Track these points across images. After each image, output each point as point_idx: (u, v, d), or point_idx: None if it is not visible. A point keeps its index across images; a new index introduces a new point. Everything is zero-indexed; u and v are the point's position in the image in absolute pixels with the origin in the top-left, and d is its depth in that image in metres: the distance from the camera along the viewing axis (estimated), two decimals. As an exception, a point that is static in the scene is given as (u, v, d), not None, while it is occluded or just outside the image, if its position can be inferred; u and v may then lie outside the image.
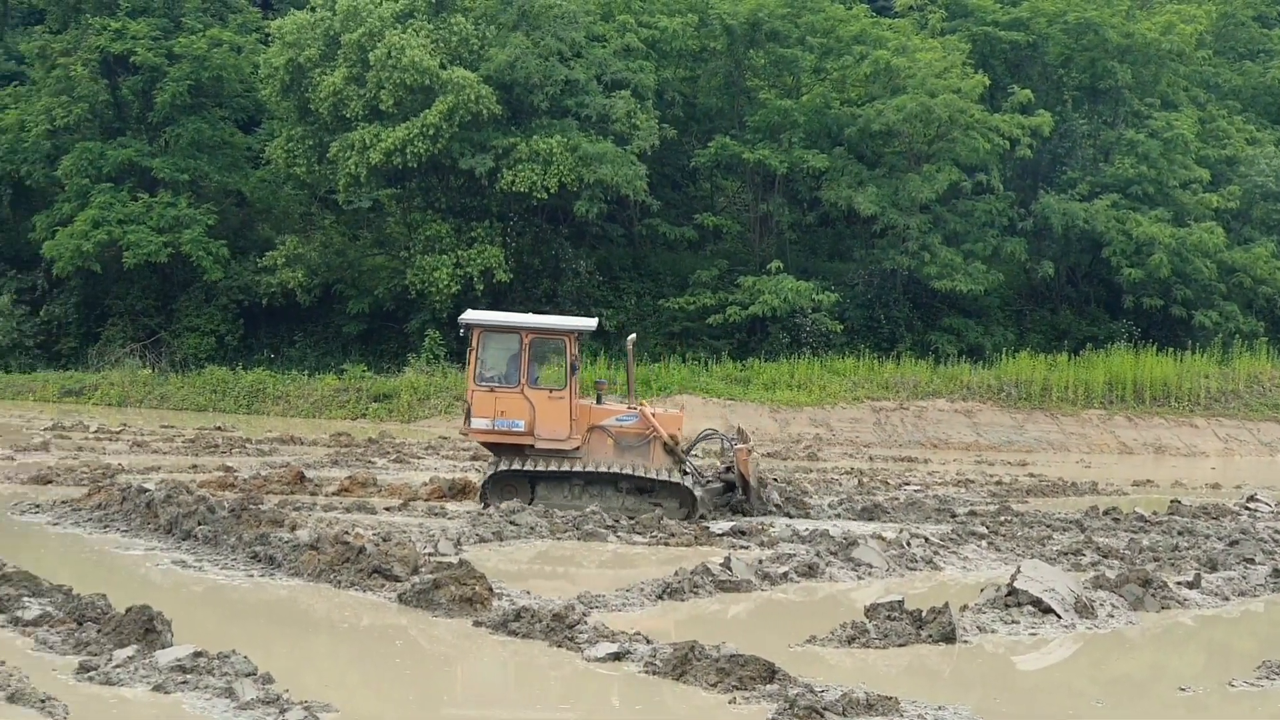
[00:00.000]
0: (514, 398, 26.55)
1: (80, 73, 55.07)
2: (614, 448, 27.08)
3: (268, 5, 62.66)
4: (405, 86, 48.93)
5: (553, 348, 27.75)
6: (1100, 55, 56.15)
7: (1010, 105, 53.80)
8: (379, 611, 18.49)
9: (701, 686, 14.92)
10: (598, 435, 27.07)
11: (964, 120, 51.73)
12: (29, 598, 17.63)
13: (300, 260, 52.34)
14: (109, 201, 52.54)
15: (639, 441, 27.07)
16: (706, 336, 52.05)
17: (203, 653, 15.02)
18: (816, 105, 53.38)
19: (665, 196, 55.62)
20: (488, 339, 27.13)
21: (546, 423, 26.62)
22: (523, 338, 26.90)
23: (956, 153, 52.05)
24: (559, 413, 26.65)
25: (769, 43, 54.56)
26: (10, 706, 13.73)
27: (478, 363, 26.94)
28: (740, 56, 55.30)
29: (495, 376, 26.99)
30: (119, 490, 25.42)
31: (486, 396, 26.65)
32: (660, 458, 27.04)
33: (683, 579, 19.85)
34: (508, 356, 27.09)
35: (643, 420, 27.26)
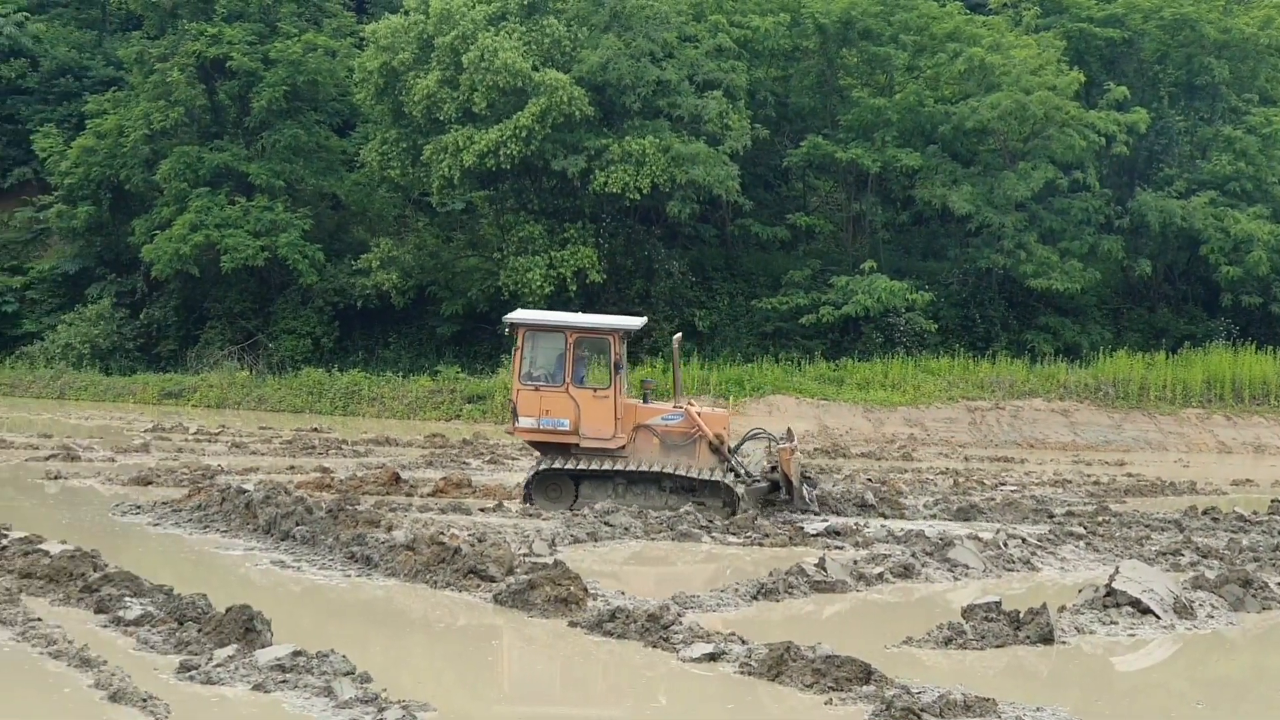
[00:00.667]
0: (559, 397, 26.63)
1: (177, 78, 55.66)
2: (660, 447, 27.14)
3: (362, 9, 63.09)
4: (498, 89, 49.10)
5: (597, 347, 27.71)
6: (1197, 51, 55.48)
7: (1106, 102, 53.26)
8: (474, 612, 18.57)
9: (797, 687, 14.89)
10: (644, 434, 27.12)
11: (1059, 118, 51.25)
12: (131, 598, 17.85)
13: (394, 263, 52.65)
14: (206, 205, 53.07)
15: (685, 440, 27.09)
16: (799, 336, 51.87)
17: (302, 652, 15.15)
18: (910, 103, 53.07)
19: (758, 196, 55.49)
20: (532, 338, 27.30)
21: (591, 422, 26.69)
22: (567, 337, 26.97)
23: (1052, 150, 51.59)
24: (604, 412, 26.71)
25: (862, 41, 54.31)
26: (113, 705, 13.91)
27: (523, 362, 27.13)
28: (833, 55, 55.09)
29: (540, 376, 27.10)
30: (218, 491, 25.68)
31: (532, 396, 26.73)
32: (706, 457, 27.07)
33: (777, 579, 19.81)
34: (553, 356, 27.16)
35: (688, 419, 27.28)
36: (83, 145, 56.51)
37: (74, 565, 19.01)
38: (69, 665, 15.14)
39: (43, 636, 16.13)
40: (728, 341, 52.13)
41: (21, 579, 18.95)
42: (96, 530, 23.64)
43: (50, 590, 18.51)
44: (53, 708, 14.08)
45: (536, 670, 16.51)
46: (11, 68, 63.58)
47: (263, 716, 13.87)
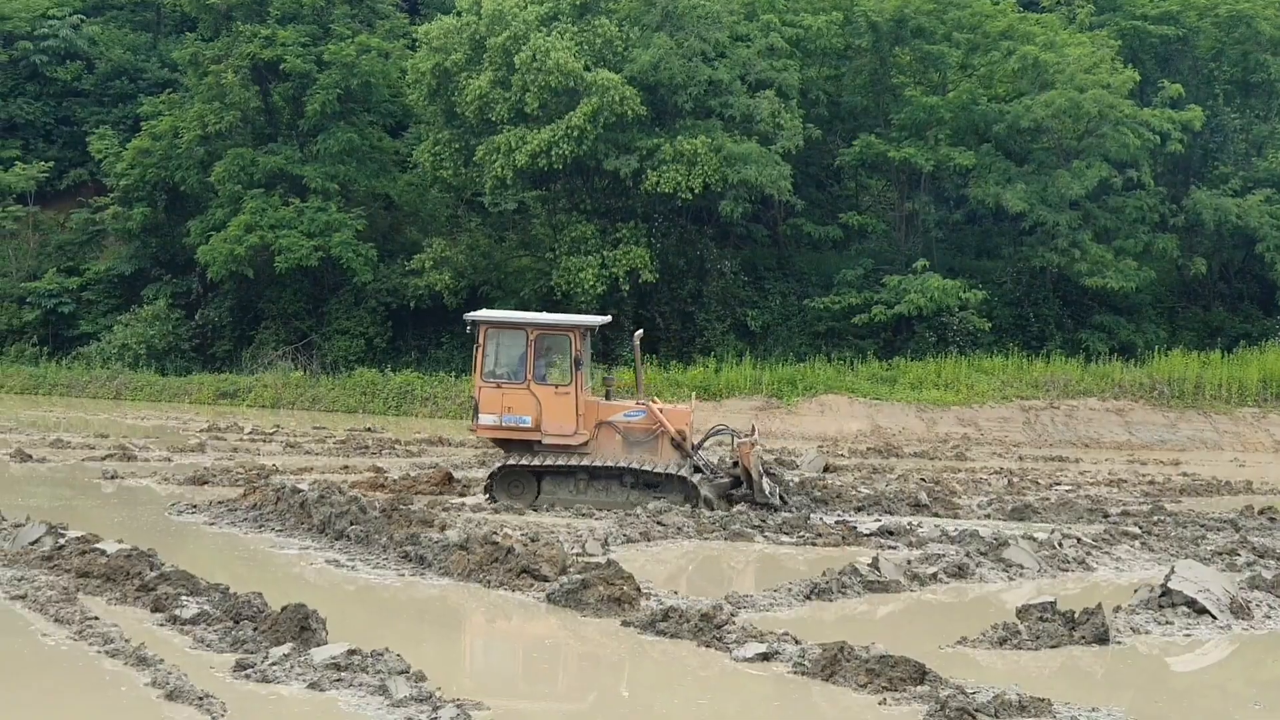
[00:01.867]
0: (521, 394, 26.86)
1: (231, 80, 55.94)
2: (622, 443, 27.33)
3: (415, 11, 63.26)
4: (550, 89, 49.17)
5: (557, 344, 27.68)
6: (1252, 48, 55.08)
7: (1160, 100, 52.94)
8: (527, 611, 18.61)
9: (851, 687, 14.86)
10: (606, 431, 27.31)
11: (1113, 115, 50.95)
12: (187, 596, 17.97)
13: (447, 263, 52.77)
14: (261, 207, 53.33)
15: (647, 437, 27.30)
16: (852, 336, 51.74)
17: (357, 651, 15.22)
18: (963, 102, 52.87)
19: (810, 196, 55.40)
20: (493, 336, 27.46)
21: (553, 418, 26.90)
22: (528, 334, 27.16)
23: (1106, 148, 51.29)
24: (565, 408, 26.89)
25: (915, 39, 54.13)
26: (169, 704, 14.00)
27: (485, 360, 27.26)
28: (885, 54, 54.93)
29: (502, 373, 27.28)
30: (273, 491, 25.81)
31: (493, 393, 26.96)
32: (668, 452, 27.23)
33: (831, 579, 19.77)
34: (514, 353, 27.33)
35: (650, 416, 27.44)
36: (138, 147, 56.88)
37: (131, 564, 19.15)
38: (126, 664, 15.25)
39: (100, 635, 16.26)
40: (780, 341, 52.06)
41: (79, 578, 19.11)
42: (153, 529, 23.81)
43: (107, 589, 18.65)
44: (110, 706, 14.19)
45: (589, 670, 16.53)
46: (68, 70, 64.07)
47: (318, 715, 13.94)
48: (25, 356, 56.46)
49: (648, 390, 34.33)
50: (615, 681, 16.04)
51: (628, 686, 15.81)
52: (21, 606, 17.86)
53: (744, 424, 31.58)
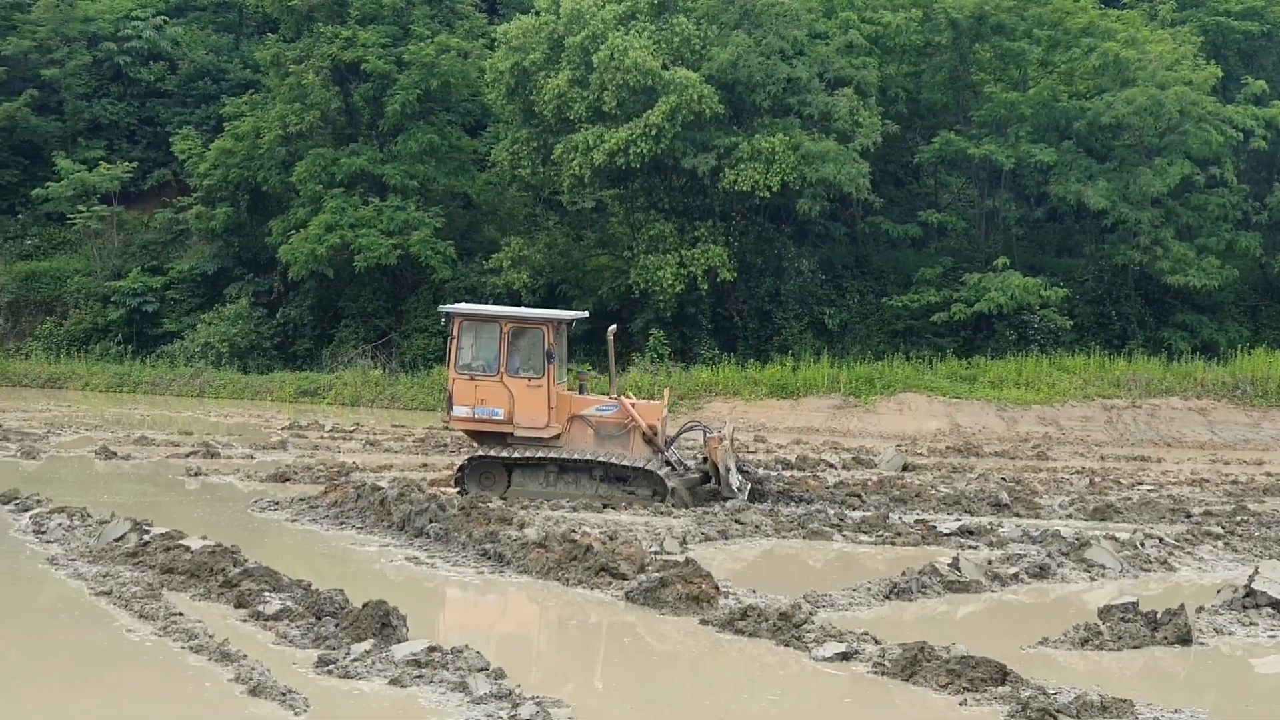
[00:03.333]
0: (494, 386, 27.21)
1: (312, 80, 56.28)
2: (594, 437, 27.63)
3: (493, 10, 63.43)
4: (628, 87, 49.20)
5: (530, 337, 27.83)
6: (1339, 43, 54.50)
7: (1244, 96, 52.36)
8: (606, 609, 18.65)
9: (931, 688, 14.82)
10: (578, 424, 27.64)
11: (1195, 113, 50.45)
12: (270, 592, 18.13)
13: (525, 261, 52.91)
14: (341, 206, 53.62)
15: (619, 431, 27.62)
16: (931, 334, 51.46)
17: (437, 647, 15.31)
18: (1043, 98, 52.48)
19: (888, 194, 55.16)
20: (468, 328, 27.77)
21: (525, 411, 27.22)
22: (501, 327, 27.44)
23: (1188, 145, 50.80)
24: (537, 401, 27.20)
25: (995, 36, 53.76)
26: (253, 699, 14.14)
27: (459, 352, 27.61)
28: (965, 51, 54.59)
29: (476, 365, 27.59)
30: (353, 488, 26.00)
31: (467, 385, 27.34)
32: (640, 447, 27.49)
33: (910, 579, 19.71)
34: (488, 346, 27.60)
35: (622, 410, 27.74)
36: (220, 147, 57.36)
37: (214, 560, 19.35)
38: (210, 659, 15.41)
39: (184, 631, 16.43)
40: (858, 339, 51.89)
41: (163, 574, 19.32)
42: (235, 526, 24.04)
43: (191, 585, 18.85)
44: (194, 702, 14.34)
45: (668, 668, 16.53)
46: (151, 71, 64.70)
47: (399, 711, 14.03)
48: (110, 355, 57.06)
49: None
50: (693, 681, 16.05)
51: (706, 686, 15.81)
52: (107, 602, 18.08)
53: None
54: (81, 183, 58.66)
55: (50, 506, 24.49)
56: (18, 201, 62.92)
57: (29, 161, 63.02)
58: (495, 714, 13.63)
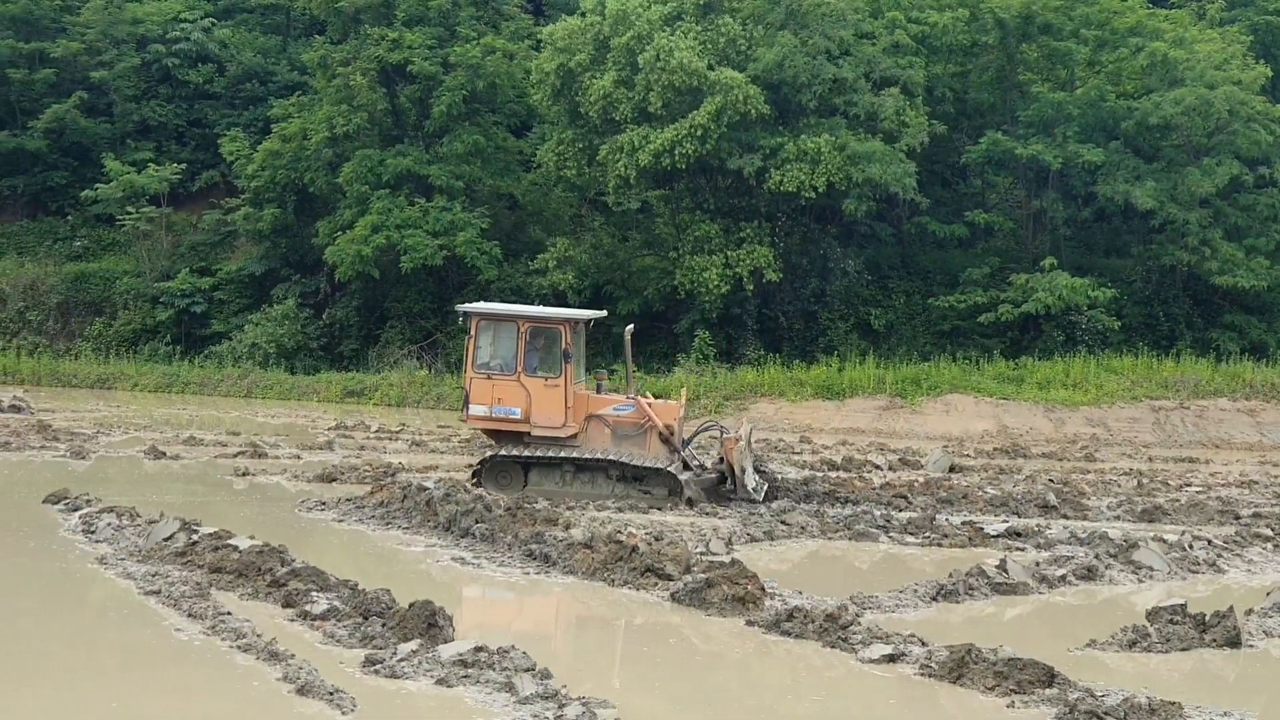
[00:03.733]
0: (511, 385, 27.36)
1: (359, 82, 56.43)
2: (611, 436, 27.76)
3: (539, 12, 63.49)
4: (674, 88, 49.18)
5: (547, 336, 27.93)
6: (1390, 41, 54.08)
7: (1294, 95, 52.14)
8: (652, 610, 18.66)
9: (979, 690, 14.78)
10: (595, 424, 27.80)
11: (1244, 112, 50.14)
12: (317, 592, 18.22)
13: (571, 262, 52.94)
14: (387, 207, 53.73)
15: (635, 431, 27.78)
16: (978, 335, 51.28)
17: (483, 647, 15.35)
18: (1091, 98, 52.23)
19: (935, 194, 54.97)
20: (485, 328, 27.90)
21: (542, 410, 27.35)
22: (519, 326, 27.58)
23: (1237, 145, 50.48)
24: (554, 401, 27.33)
25: (1042, 36, 53.53)
26: (301, 698, 14.21)
27: (477, 351, 27.78)
28: (1012, 50, 54.38)
29: (494, 364, 27.73)
30: (400, 488, 26.07)
31: (484, 384, 27.52)
32: (656, 447, 27.63)
33: (957, 580, 19.66)
34: (505, 345, 27.74)
35: (639, 410, 27.86)
36: (268, 149, 57.58)
37: (262, 560, 19.44)
38: (258, 658, 15.49)
39: (232, 630, 16.52)
40: (904, 340, 51.76)
41: (211, 573, 19.42)
42: (283, 526, 24.14)
43: (239, 585, 18.94)
44: (243, 700, 14.41)
45: (714, 669, 16.53)
46: (199, 73, 65.03)
47: (446, 711, 14.08)
48: (159, 355, 57.34)
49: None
50: (739, 682, 16.04)
51: (752, 687, 15.80)
52: (156, 602, 18.19)
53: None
54: (130, 184, 58.98)
55: (100, 506, 24.64)
56: (67, 203, 63.33)
57: (78, 163, 63.42)
58: (541, 714, 13.66)
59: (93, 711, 14.27)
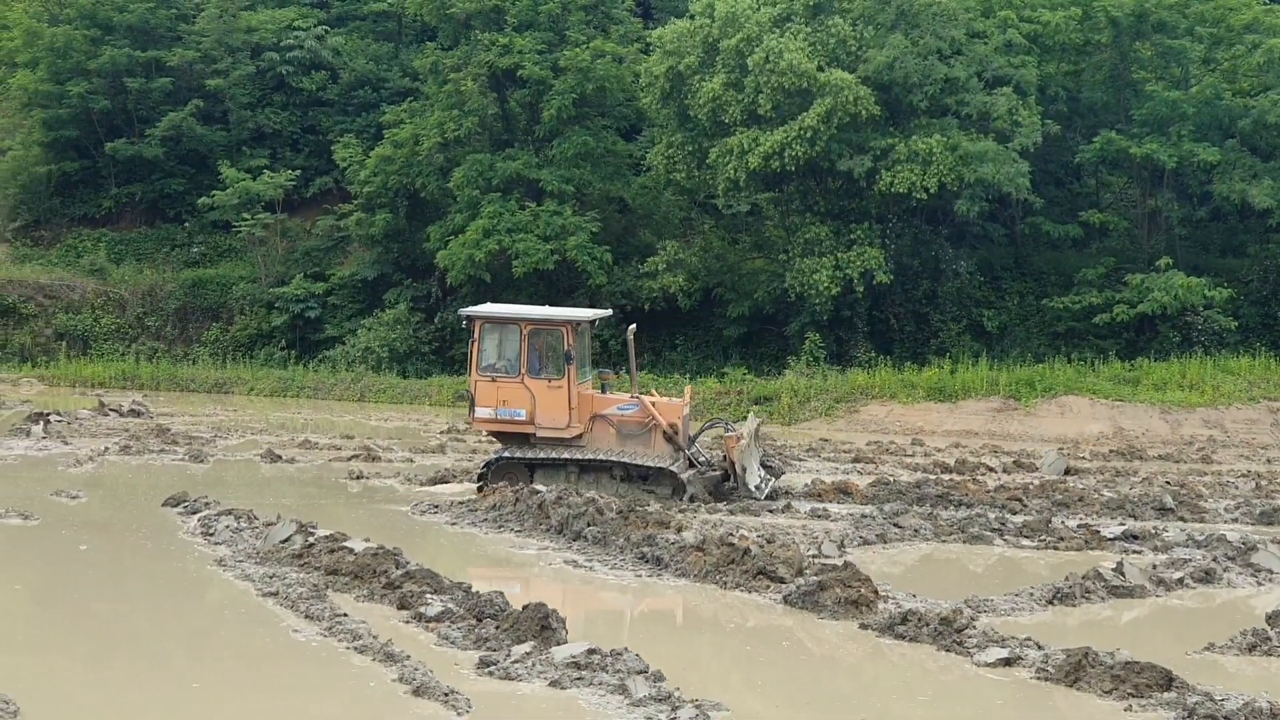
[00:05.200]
0: (515, 387, 27.62)
1: (470, 87, 56.73)
2: (616, 436, 27.92)
3: (648, 15, 63.57)
4: (783, 90, 49.02)
5: (549, 338, 28.13)
6: None
7: None
8: (764, 612, 18.65)
9: (1095, 693, 14.65)
10: (600, 424, 28.01)
11: (1366, 109, 49.30)
12: (431, 594, 18.36)
13: (681, 265, 52.93)
14: (498, 211, 53.97)
15: (640, 430, 27.96)
16: (1093, 336, 50.69)
17: (596, 650, 15.40)
18: (1206, 97, 51.48)
19: (1048, 194, 54.40)
20: (489, 330, 28.18)
21: (546, 411, 27.61)
22: (522, 329, 27.89)
23: (1358, 142, 49.69)
24: (558, 401, 27.57)
25: (1156, 34, 52.86)
26: (416, 700, 14.34)
27: (481, 354, 27.98)
28: (1126, 49, 53.72)
29: (498, 367, 27.96)
30: (512, 492, 26.21)
31: (489, 386, 27.76)
32: (661, 445, 27.79)
33: (1074, 583, 19.49)
34: (509, 347, 28.01)
35: (643, 410, 28.00)
36: (380, 155, 58.02)
37: (377, 562, 19.63)
38: (374, 659, 15.65)
39: (349, 632, 16.70)
40: (1017, 342, 51.29)
41: (328, 575, 19.64)
42: (397, 529, 24.36)
43: (355, 586, 19.15)
44: (360, 700, 14.57)
45: (827, 672, 16.49)
46: (313, 80, 65.69)
47: (559, 712, 14.14)
48: (274, 360, 57.95)
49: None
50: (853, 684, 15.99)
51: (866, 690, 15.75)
52: (274, 603, 18.42)
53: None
54: (246, 191, 59.69)
55: (218, 509, 24.99)
56: (185, 210, 64.21)
57: (195, 170, 64.29)
58: (655, 717, 13.69)
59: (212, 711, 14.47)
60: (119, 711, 14.68)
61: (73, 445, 34.99)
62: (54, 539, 23.39)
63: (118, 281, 61.15)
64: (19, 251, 63.75)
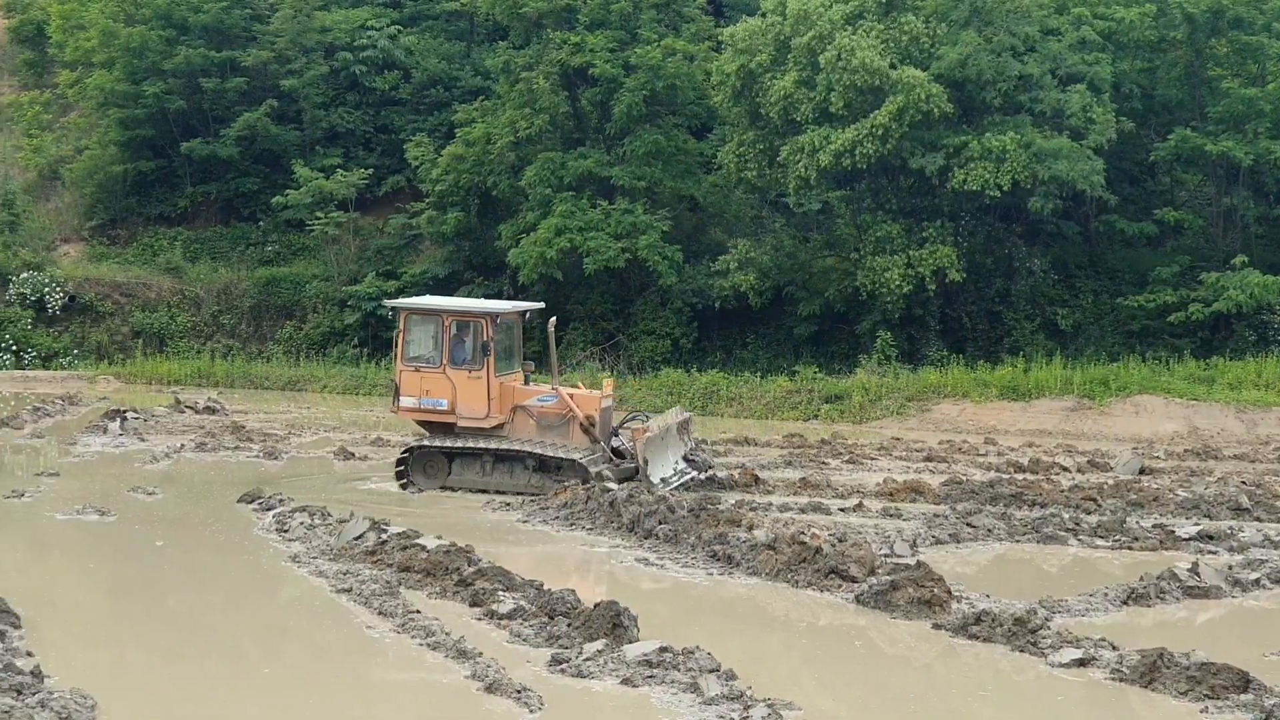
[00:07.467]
0: (437, 378, 28.23)
1: (542, 86, 56.81)
2: (536, 427, 28.42)
3: (720, 13, 63.45)
4: (855, 88, 48.84)
5: (470, 330, 28.61)
6: None
7: None
8: (836, 611, 18.62)
9: (1171, 695, 14.55)
10: (521, 415, 28.53)
11: None
12: (503, 591, 18.44)
13: (752, 263, 52.81)
14: (569, 210, 54.02)
15: (559, 421, 28.46)
16: (1167, 335, 50.24)
17: (668, 648, 15.43)
18: (1284, 93, 51.05)
19: (1123, 191, 53.95)
20: (412, 322, 28.97)
21: (467, 402, 28.20)
22: (443, 320, 28.55)
23: None
24: (477, 392, 28.17)
25: (1232, 31, 52.30)
26: (489, 696, 14.41)
27: (405, 345, 28.75)
28: (1201, 46, 53.20)
29: (420, 357, 28.61)
30: (583, 490, 26.28)
31: (413, 376, 28.43)
32: (578, 437, 28.29)
33: (1148, 584, 19.35)
34: (431, 339, 28.65)
35: (561, 401, 28.53)
36: (452, 153, 58.17)
37: (449, 560, 19.73)
38: (446, 656, 15.73)
39: (421, 628, 16.80)
40: (1091, 340, 50.91)
41: (400, 572, 19.76)
42: (468, 526, 24.46)
43: (427, 583, 19.25)
44: (433, 697, 14.66)
45: (900, 672, 16.44)
46: (386, 80, 65.95)
47: (631, 710, 14.17)
48: (346, 358, 58.22)
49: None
50: (926, 685, 15.94)
51: (939, 691, 15.69)
52: (347, 599, 18.56)
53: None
54: (319, 190, 60.03)
55: (292, 506, 25.19)
56: (259, 209, 64.57)
57: (269, 170, 64.66)
58: (727, 715, 13.70)
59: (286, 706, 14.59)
60: (194, 706, 14.82)
61: (149, 442, 35.33)
62: (130, 535, 23.66)
63: (193, 280, 61.59)
64: (96, 250, 64.31)
